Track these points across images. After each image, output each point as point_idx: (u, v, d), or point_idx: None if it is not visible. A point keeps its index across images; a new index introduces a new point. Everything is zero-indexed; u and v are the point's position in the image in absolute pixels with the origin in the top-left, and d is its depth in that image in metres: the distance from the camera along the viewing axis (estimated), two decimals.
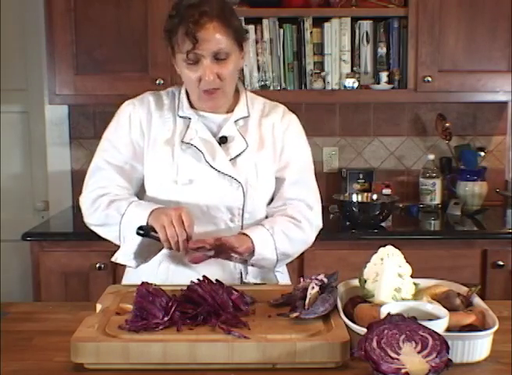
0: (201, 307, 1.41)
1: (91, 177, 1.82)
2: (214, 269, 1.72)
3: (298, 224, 1.80)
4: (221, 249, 1.67)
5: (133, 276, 1.82)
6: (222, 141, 1.80)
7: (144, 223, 1.66)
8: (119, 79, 2.85)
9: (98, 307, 1.51)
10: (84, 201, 1.80)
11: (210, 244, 1.65)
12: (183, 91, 1.85)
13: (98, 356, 1.27)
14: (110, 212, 1.73)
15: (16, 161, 3.39)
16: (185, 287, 1.49)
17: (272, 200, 1.87)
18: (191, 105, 1.83)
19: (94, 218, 1.78)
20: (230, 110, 1.84)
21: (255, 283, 1.79)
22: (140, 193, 1.86)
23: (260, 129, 1.85)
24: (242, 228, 1.80)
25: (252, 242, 1.70)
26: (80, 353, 1.28)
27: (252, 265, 1.75)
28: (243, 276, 1.81)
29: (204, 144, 1.78)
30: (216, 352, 1.27)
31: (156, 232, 1.64)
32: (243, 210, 1.79)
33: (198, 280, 1.50)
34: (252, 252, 1.71)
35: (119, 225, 1.72)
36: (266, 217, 1.86)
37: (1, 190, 3.37)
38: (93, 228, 1.81)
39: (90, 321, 1.39)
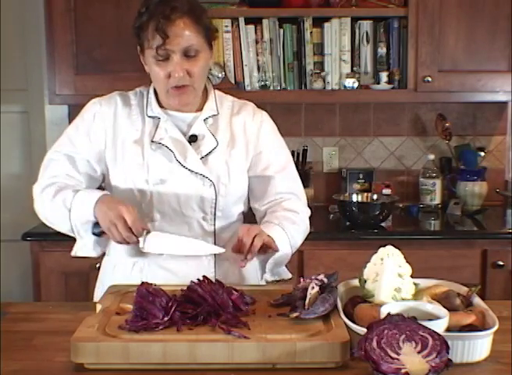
0: (201, 307, 1.41)
1: (45, 170, 1.79)
2: (189, 269, 1.70)
3: (298, 216, 1.82)
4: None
5: (107, 279, 1.82)
6: (192, 139, 1.80)
7: (92, 218, 1.66)
8: (119, 79, 2.84)
9: (98, 307, 1.51)
10: (34, 191, 1.78)
11: (256, 251, 1.63)
12: (151, 91, 1.84)
13: (98, 356, 1.27)
14: (57, 201, 1.70)
15: (16, 161, 3.39)
16: (185, 287, 1.49)
17: (248, 197, 1.89)
18: (160, 105, 1.82)
19: (42, 210, 1.76)
20: (199, 109, 1.83)
21: (273, 281, 1.79)
22: (108, 191, 1.82)
23: (230, 127, 1.85)
24: (214, 226, 1.81)
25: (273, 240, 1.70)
26: (80, 353, 1.28)
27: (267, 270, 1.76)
28: (260, 276, 1.82)
29: (174, 143, 1.78)
30: (216, 352, 1.27)
31: None
32: (215, 208, 1.80)
33: (198, 279, 1.50)
34: None
35: (69, 221, 1.69)
36: (243, 213, 1.89)
37: (1, 190, 3.37)
38: (43, 221, 1.79)
39: (90, 321, 1.39)
